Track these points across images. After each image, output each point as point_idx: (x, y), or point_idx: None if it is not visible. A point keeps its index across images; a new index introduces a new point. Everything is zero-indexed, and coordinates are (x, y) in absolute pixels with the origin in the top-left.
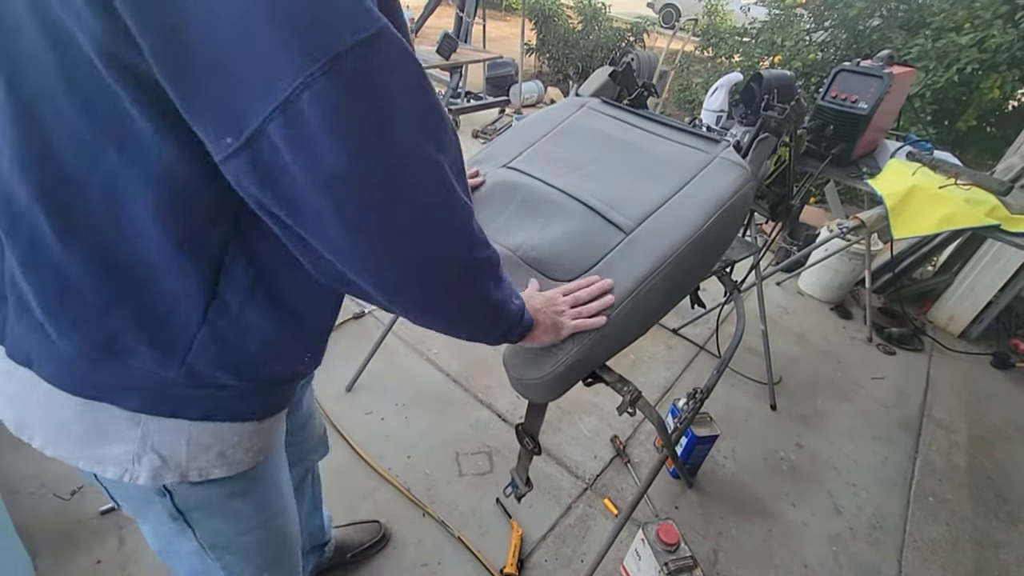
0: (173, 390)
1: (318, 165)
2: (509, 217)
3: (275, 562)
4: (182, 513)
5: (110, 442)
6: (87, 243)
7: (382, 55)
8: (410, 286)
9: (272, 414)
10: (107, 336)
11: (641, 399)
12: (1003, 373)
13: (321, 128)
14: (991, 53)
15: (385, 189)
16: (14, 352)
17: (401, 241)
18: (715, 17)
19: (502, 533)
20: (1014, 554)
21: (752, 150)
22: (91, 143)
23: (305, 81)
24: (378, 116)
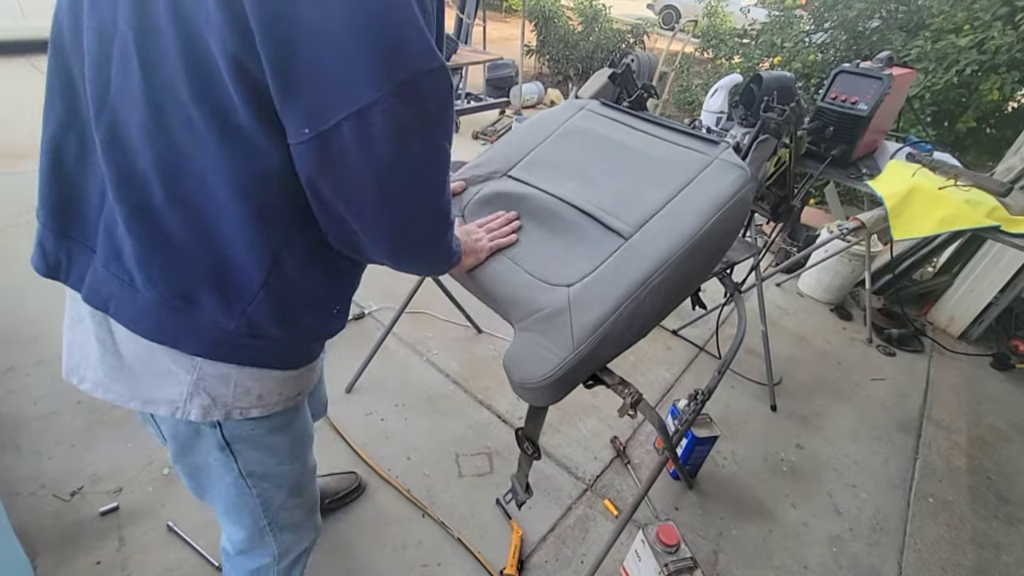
0: (229, 338)
1: (375, 157)
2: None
3: (300, 489)
4: (228, 444)
5: (166, 384)
6: (185, 207)
7: (435, 83)
8: (410, 243)
9: (304, 364)
10: (187, 287)
11: (642, 401)
12: (1003, 374)
13: (383, 131)
14: (990, 55)
15: (417, 176)
16: (91, 298)
17: (416, 212)
18: (715, 19)
19: (502, 534)
20: (1014, 555)
21: (752, 151)
22: (200, 127)
23: (381, 97)
24: (422, 125)
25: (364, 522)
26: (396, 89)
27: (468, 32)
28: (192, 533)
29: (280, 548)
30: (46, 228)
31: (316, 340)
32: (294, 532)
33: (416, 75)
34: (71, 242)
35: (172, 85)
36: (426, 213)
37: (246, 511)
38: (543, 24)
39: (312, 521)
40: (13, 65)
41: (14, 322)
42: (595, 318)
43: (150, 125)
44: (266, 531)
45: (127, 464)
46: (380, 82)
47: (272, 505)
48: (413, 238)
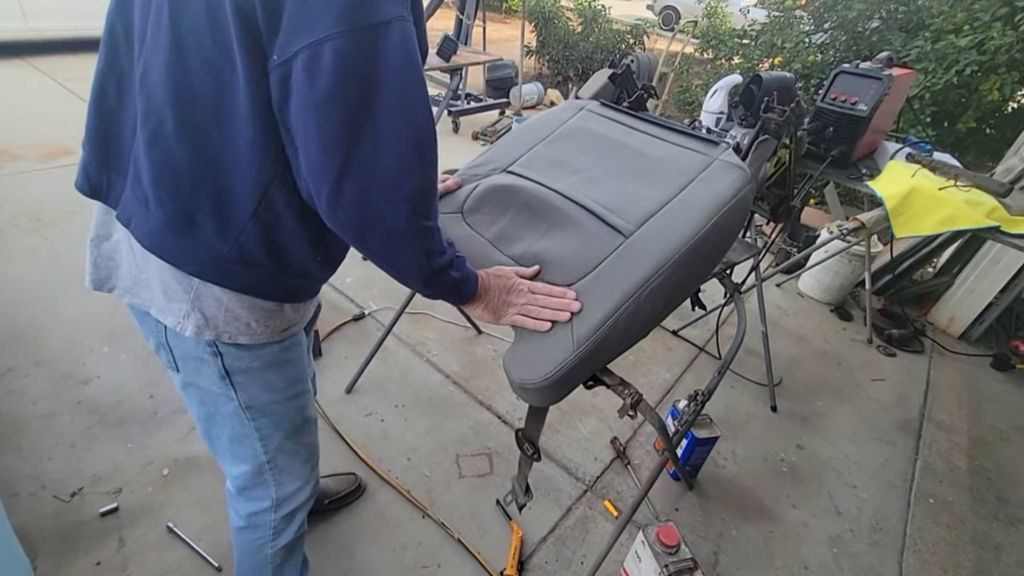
0: (223, 262)
1: (315, 89)
2: (509, 222)
3: (298, 433)
4: (228, 374)
5: (171, 299)
6: (193, 137)
7: (395, 37)
8: (353, 220)
9: (290, 300)
10: (190, 209)
11: (642, 402)
12: (1003, 375)
13: (328, 67)
14: (990, 55)
15: (356, 126)
16: (122, 215)
17: (355, 177)
18: (715, 19)
19: (502, 535)
20: (1015, 556)
21: (752, 152)
22: (216, 64)
23: (332, 35)
24: (374, 76)
25: (364, 522)
26: (347, 31)
27: (468, 33)
28: (192, 534)
29: (278, 493)
30: (90, 157)
31: (300, 278)
32: (292, 479)
33: (370, 25)
34: (110, 170)
35: (195, 29)
36: (375, 183)
37: (247, 444)
38: (543, 25)
39: (311, 472)
40: (13, 66)
41: (14, 322)
42: (596, 319)
43: (173, 64)
44: (265, 469)
45: (127, 465)
46: (339, 20)
47: (271, 443)
48: (358, 207)
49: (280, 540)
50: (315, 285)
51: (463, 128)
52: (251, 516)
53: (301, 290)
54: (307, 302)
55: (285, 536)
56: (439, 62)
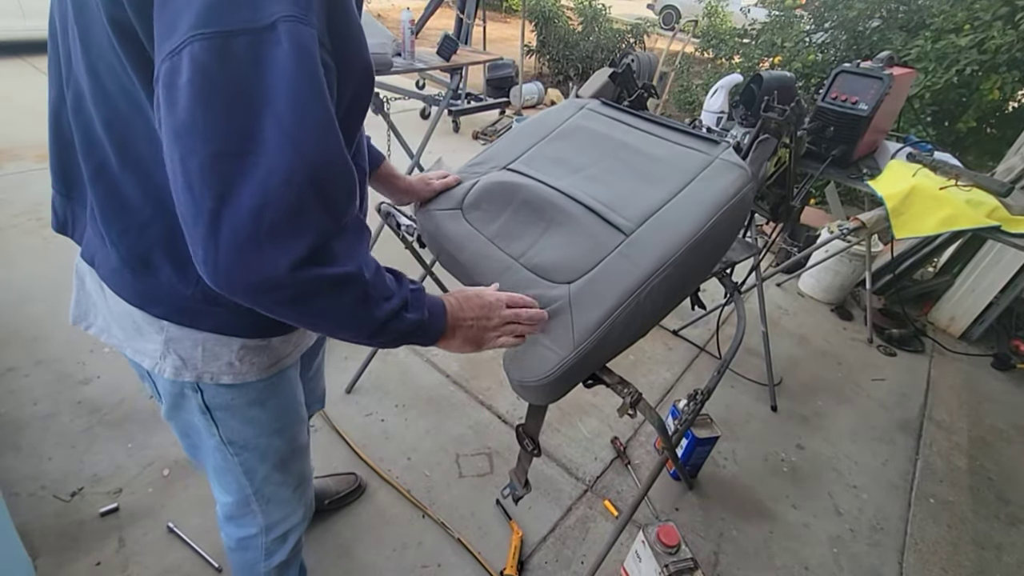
0: (190, 304)
1: (173, 111)
2: (509, 219)
3: (284, 465)
4: (209, 410)
5: (144, 340)
6: (136, 170)
7: (275, 46)
8: (240, 284)
9: (273, 335)
10: (143, 250)
11: (642, 401)
12: (1004, 374)
13: (185, 82)
14: (991, 54)
15: (227, 161)
16: (84, 253)
17: (231, 229)
18: (715, 18)
19: (502, 535)
20: (1015, 556)
21: (752, 151)
22: (131, 91)
23: (188, 39)
24: (244, 93)
25: (364, 522)
26: (217, 34)
27: (468, 32)
28: (192, 534)
29: (267, 521)
30: (55, 190)
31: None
32: (281, 507)
33: (239, 29)
34: (73, 202)
35: (103, 51)
36: (259, 236)
37: (231, 476)
38: (543, 24)
39: (301, 499)
40: (13, 65)
41: (14, 322)
42: (596, 317)
43: (95, 91)
44: (251, 500)
45: (127, 465)
46: (200, 20)
47: (255, 476)
48: (243, 268)
49: (274, 559)
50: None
51: (463, 127)
52: (241, 540)
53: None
54: (301, 330)
55: (279, 556)
56: (439, 61)
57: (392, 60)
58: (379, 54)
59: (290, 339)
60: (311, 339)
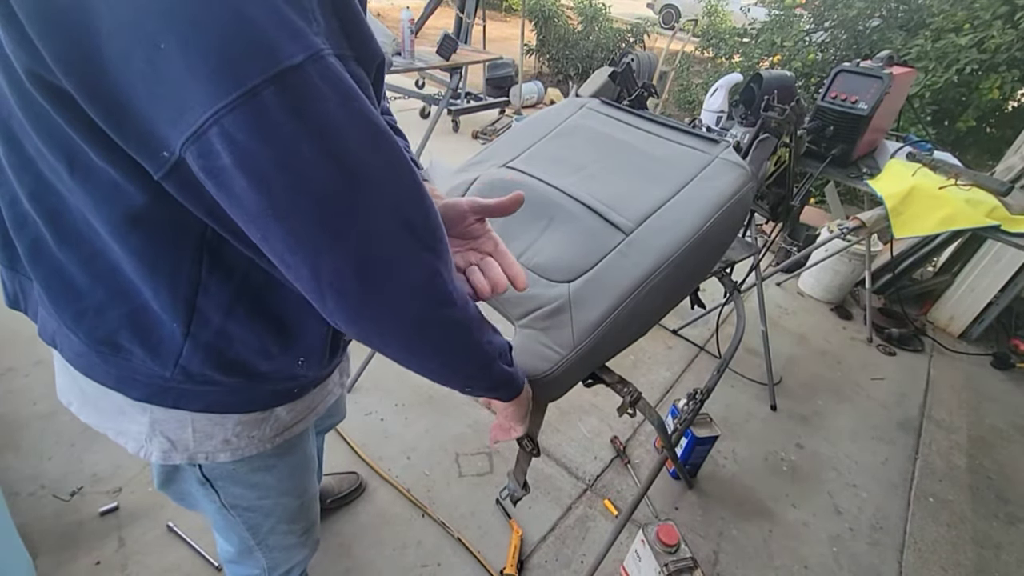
0: (172, 385)
1: (237, 203)
2: (508, 218)
3: (292, 518)
4: (209, 480)
5: (127, 421)
6: (77, 247)
7: (301, 90)
8: (364, 336)
9: (277, 404)
10: (105, 334)
11: (641, 400)
12: (1003, 374)
13: (232, 165)
14: (990, 53)
15: (309, 233)
16: (42, 333)
17: (337, 295)
18: (715, 18)
19: (502, 534)
20: (1015, 555)
21: (752, 151)
22: (51, 158)
23: (213, 116)
24: (293, 159)
25: (364, 522)
26: (234, 104)
27: (468, 31)
28: (192, 533)
29: (270, 563)
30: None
31: (289, 381)
32: (286, 552)
33: (266, 80)
34: (21, 276)
35: (13, 113)
36: (367, 294)
37: (233, 533)
38: (543, 23)
39: (307, 542)
40: None
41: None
42: (595, 316)
43: (14, 161)
44: (255, 549)
45: (127, 464)
46: (210, 95)
47: (261, 530)
48: (361, 324)
49: None
50: (316, 379)
51: (463, 127)
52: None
53: (296, 389)
54: (316, 391)
55: None
56: (439, 61)
57: (392, 59)
58: None
59: (295, 407)
60: (333, 397)
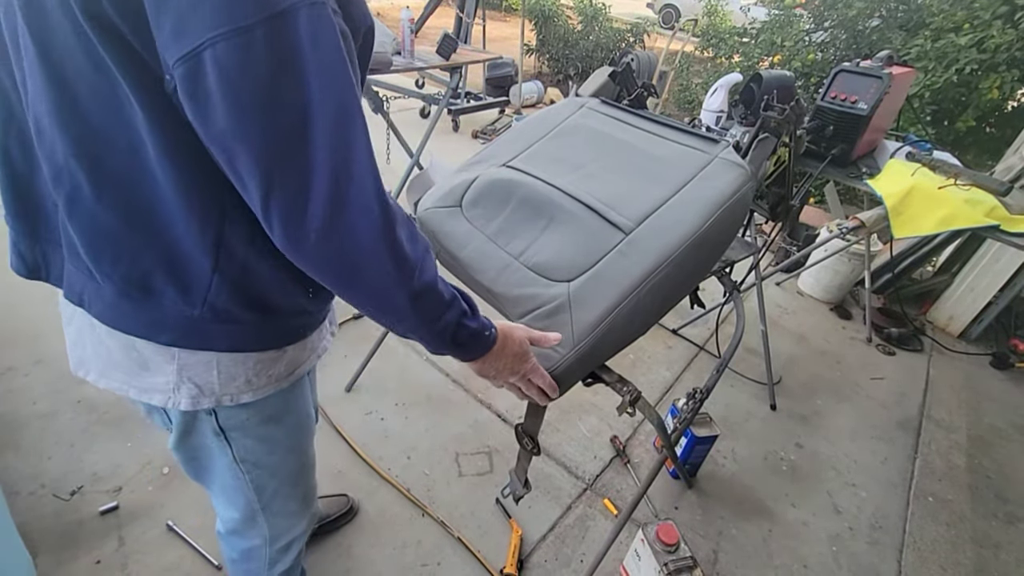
0: (200, 325)
1: (210, 122)
2: (508, 217)
3: (295, 480)
4: (223, 431)
5: (153, 374)
6: (116, 190)
7: (289, 33)
8: (299, 252)
9: (289, 343)
10: (140, 275)
11: (641, 399)
12: (1003, 373)
13: (215, 87)
14: (990, 53)
15: (270, 153)
16: (70, 293)
17: (286, 209)
18: (715, 17)
19: (502, 533)
20: (1014, 554)
21: (752, 150)
22: (109, 96)
23: (208, 41)
24: (272, 95)
25: (364, 521)
26: (226, 35)
27: (468, 31)
28: (192, 532)
29: (272, 532)
30: (17, 233)
31: (297, 317)
32: (287, 519)
33: (257, 21)
34: (43, 242)
35: (68, 54)
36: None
37: (240, 494)
38: (543, 23)
39: (307, 510)
40: None
41: (13, 322)
42: (595, 315)
43: (61, 106)
44: (259, 514)
45: (127, 463)
46: (206, 24)
47: (265, 491)
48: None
49: (276, 568)
50: (318, 317)
51: (463, 127)
52: (245, 551)
53: (302, 328)
54: (315, 334)
55: (281, 565)
56: (439, 60)
57: (392, 59)
58: (379, 53)
59: (306, 344)
60: (327, 343)
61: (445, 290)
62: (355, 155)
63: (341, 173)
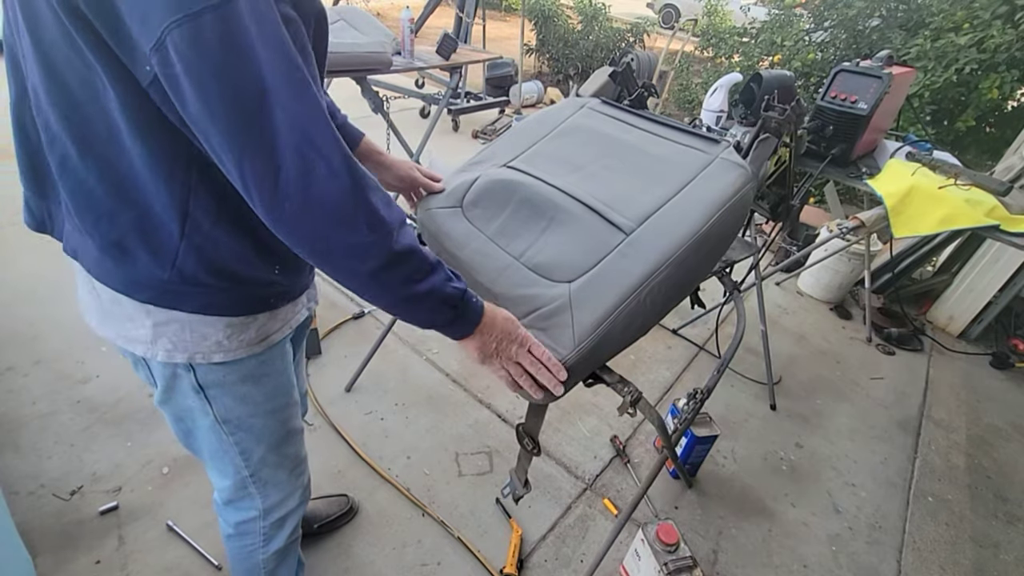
0: (170, 287)
1: (185, 106)
2: (509, 218)
3: (280, 446)
4: (202, 388)
5: (135, 327)
6: (97, 158)
7: (232, 19)
8: (279, 222)
9: (259, 311)
10: (117, 237)
11: (641, 400)
12: (1002, 373)
13: (181, 72)
14: (990, 53)
15: (238, 131)
16: (67, 247)
17: (260, 183)
18: (715, 17)
19: (502, 533)
20: (1013, 554)
21: (752, 150)
22: (87, 76)
23: (167, 28)
24: (225, 75)
25: (364, 521)
26: (180, 21)
27: (468, 31)
28: (192, 532)
29: (265, 504)
30: (28, 191)
31: (265, 287)
32: (278, 489)
33: (204, 8)
34: (48, 201)
35: (55, 41)
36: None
37: (227, 459)
38: (543, 23)
39: (297, 481)
40: None
41: (13, 322)
42: (596, 316)
43: (50, 85)
44: (248, 483)
45: (127, 463)
46: (164, 12)
47: (252, 457)
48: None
49: (272, 546)
50: (290, 291)
51: (463, 127)
52: (239, 524)
53: (272, 299)
54: (289, 306)
55: (276, 542)
56: (439, 60)
57: (391, 59)
58: (379, 53)
59: (277, 314)
60: (302, 316)
61: (429, 254)
62: (314, 126)
63: (303, 144)
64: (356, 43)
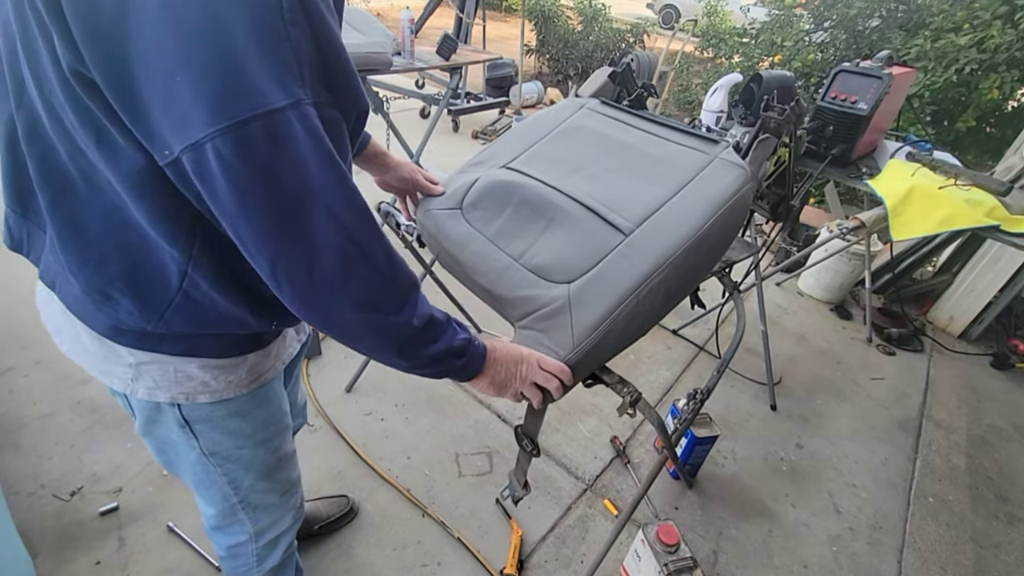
0: (155, 334)
1: (218, 201)
2: (508, 219)
3: (270, 475)
4: (188, 423)
5: (113, 363)
6: (100, 200)
7: (280, 128)
8: (307, 318)
9: (249, 351)
10: (102, 283)
11: (641, 400)
12: (1003, 373)
13: (219, 173)
14: (990, 53)
15: (273, 229)
16: (44, 276)
17: (290, 279)
18: (715, 18)
19: (502, 534)
20: (1014, 555)
21: (752, 151)
22: (83, 133)
23: (209, 136)
24: (274, 176)
25: (364, 521)
26: (224, 131)
27: (468, 31)
28: (192, 533)
29: (256, 527)
30: (9, 208)
31: (256, 334)
32: (269, 513)
33: (251, 117)
34: (29, 223)
35: (58, 93)
36: (315, 287)
37: (215, 488)
38: (543, 23)
39: (289, 502)
40: None
41: (14, 322)
42: (595, 317)
43: (53, 124)
44: (238, 509)
45: (127, 464)
46: (207, 120)
47: (241, 486)
48: (307, 309)
49: (266, 564)
50: (282, 329)
51: (463, 127)
52: (231, 548)
53: (263, 338)
54: (279, 340)
55: (271, 560)
56: (439, 61)
57: (391, 59)
58: (379, 53)
59: (269, 352)
60: (294, 349)
61: (438, 313)
62: (359, 227)
63: (346, 244)
64: (356, 43)
